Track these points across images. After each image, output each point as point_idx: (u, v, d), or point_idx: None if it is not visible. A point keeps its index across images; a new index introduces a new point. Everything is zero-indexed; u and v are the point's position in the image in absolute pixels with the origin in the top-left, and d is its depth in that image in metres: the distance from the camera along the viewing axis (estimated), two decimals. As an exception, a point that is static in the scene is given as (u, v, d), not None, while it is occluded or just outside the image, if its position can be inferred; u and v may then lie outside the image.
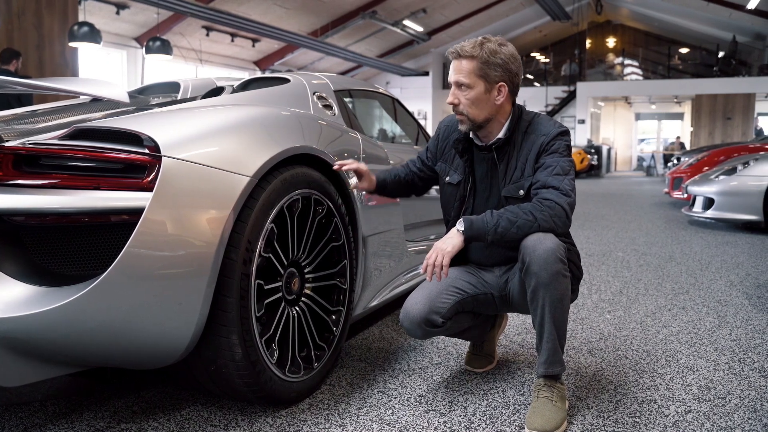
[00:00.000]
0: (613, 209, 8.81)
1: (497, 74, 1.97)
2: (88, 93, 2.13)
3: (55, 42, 7.84)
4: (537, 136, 2.01)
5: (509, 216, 1.88)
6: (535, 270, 1.84)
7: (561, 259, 1.85)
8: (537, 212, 1.87)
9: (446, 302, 2.02)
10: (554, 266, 1.83)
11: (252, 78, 2.99)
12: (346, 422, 1.91)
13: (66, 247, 1.60)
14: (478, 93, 1.98)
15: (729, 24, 19.56)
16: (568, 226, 1.94)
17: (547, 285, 1.84)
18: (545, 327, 1.88)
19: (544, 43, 26.16)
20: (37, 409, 1.99)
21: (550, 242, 1.84)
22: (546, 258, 1.83)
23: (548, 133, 2.00)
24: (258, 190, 1.81)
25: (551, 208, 1.88)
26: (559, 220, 1.89)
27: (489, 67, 1.96)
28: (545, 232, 1.87)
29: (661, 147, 25.81)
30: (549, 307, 1.86)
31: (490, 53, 1.95)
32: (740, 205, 6.06)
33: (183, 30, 15.31)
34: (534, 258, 1.84)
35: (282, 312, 1.98)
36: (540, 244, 1.84)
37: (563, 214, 1.89)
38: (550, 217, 1.88)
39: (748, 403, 2.05)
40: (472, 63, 1.96)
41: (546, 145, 1.99)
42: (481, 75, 1.96)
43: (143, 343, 1.63)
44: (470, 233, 1.89)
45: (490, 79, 1.97)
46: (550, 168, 1.95)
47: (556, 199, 1.89)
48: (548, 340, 1.89)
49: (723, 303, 3.37)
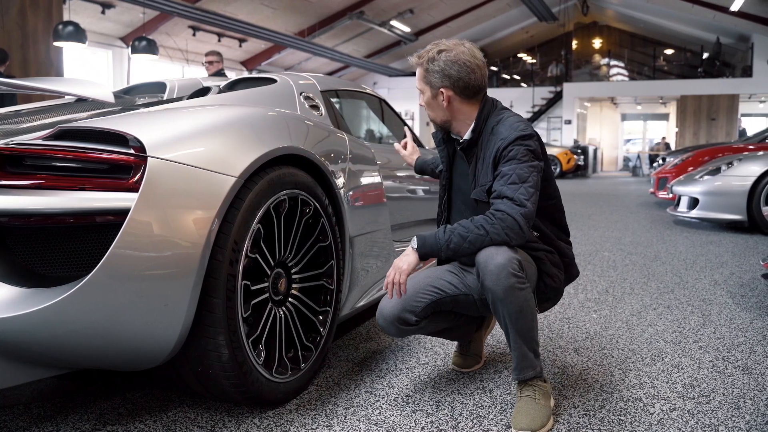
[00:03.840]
0: (600, 209, 8.87)
1: (437, 80, 2.03)
2: (72, 93, 2.12)
3: (39, 41, 7.77)
4: (496, 140, 1.98)
5: (461, 231, 1.87)
6: (489, 285, 1.83)
7: (513, 273, 1.82)
8: (488, 225, 1.85)
9: (421, 301, 2.02)
10: (506, 281, 1.81)
11: (239, 78, 2.98)
12: (334, 422, 1.91)
13: (51, 248, 1.59)
14: (428, 98, 2.08)
15: (713, 26, 19.75)
16: (524, 237, 1.88)
17: (503, 300, 1.84)
18: (510, 336, 1.91)
19: (531, 44, 26.29)
20: (22, 411, 1.98)
21: (501, 257, 1.82)
22: (498, 274, 1.81)
23: (506, 137, 1.94)
24: (244, 190, 1.81)
25: (503, 221, 1.84)
26: (512, 232, 1.85)
27: (429, 74, 2.04)
28: (498, 246, 1.85)
29: (647, 147, 26.00)
30: (509, 318, 1.87)
31: (428, 60, 2.04)
32: (724, 204, 6.12)
33: (169, 30, 15.22)
34: (486, 274, 1.83)
35: (269, 312, 1.98)
36: (491, 260, 1.82)
37: (516, 226, 1.84)
38: (502, 230, 1.84)
39: (731, 401, 2.07)
40: (419, 70, 2.07)
41: (503, 150, 1.94)
42: (426, 82, 2.06)
43: (129, 345, 1.62)
44: (423, 251, 1.91)
45: (433, 85, 2.04)
46: (506, 177, 1.90)
47: (508, 210, 1.85)
48: (515, 348, 1.92)
49: (707, 302, 3.40)
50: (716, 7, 16.67)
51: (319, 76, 3.11)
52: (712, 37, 21.28)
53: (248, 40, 17.51)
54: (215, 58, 6.04)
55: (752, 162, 6.10)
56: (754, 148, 7.76)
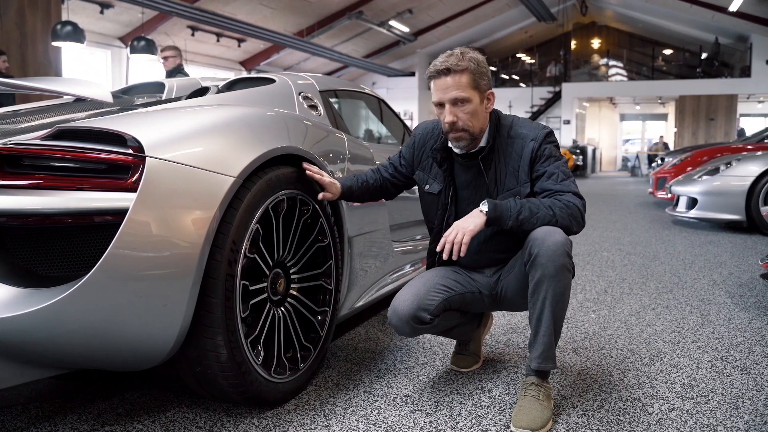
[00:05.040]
0: (599, 209, 8.87)
1: (485, 83, 1.99)
2: (71, 93, 2.11)
3: (37, 41, 7.76)
4: (524, 141, 2.01)
5: (531, 207, 1.90)
6: (543, 261, 1.84)
7: (568, 254, 1.87)
8: (557, 209, 1.90)
9: (434, 299, 2.03)
10: (561, 259, 1.84)
11: (237, 78, 2.98)
12: (332, 423, 1.91)
13: (49, 248, 1.59)
14: (476, 105, 1.97)
15: (711, 26, 19.75)
16: (582, 226, 1.95)
17: (552, 277, 1.85)
18: (543, 321, 1.89)
19: (530, 44, 26.28)
20: (20, 412, 1.97)
21: (560, 236, 1.86)
22: (555, 250, 1.84)
23: (536, 137, 2.00)
24: (243, 190, 1.80)
25: (569, 207, 1.91)
26: (575, 220, 1.92)
27: (480, 77, 1.96)
28: (553, 227, 1.89)
29: (646, 147, 26.01)
30: (551, 299, 1.87)
31: (477, 63, 1.95)
32: (723, 204, 6.13)
33: (168, 30, 15.20)
34: (543, 249, 1.84)
35: (267, 313, 1.98)
36: (549, 237, 1.85)
37: (579, 215, 1.93)
38: (568, 216, 1.91)
39: (730, 401, 2.07)
40: (465, 75, 1.93)
41: (538, 150, 1.99)
42: (475, 86, 1.95)
43: (128, 345, 1.62)
44: (493, 215, 1.90)
45: (482, 89, 1.98)
46: (554, 175, 1.97)
47: (573, 200, 1.93)
48: (545, 334, 1.89)
49: (706, 302, 3.40)
50: (715, 7, 16.68)
51: (318, 76, 3.11)
52: (710, 37, 21.29)
53: (247, 40, 17.49)
54: (171, 53, 5.72)
55: (751, 162, 6.10)
56: (753, 148, 7.76)
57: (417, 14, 19.36)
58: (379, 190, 2.32)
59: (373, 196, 2.35)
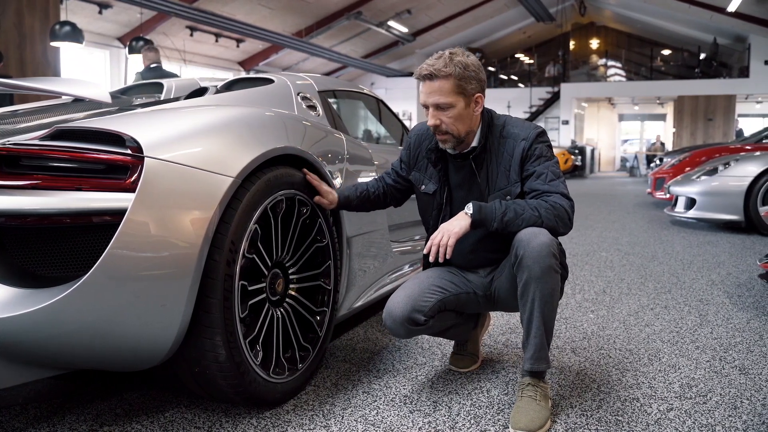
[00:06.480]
0: (597, 209, 8.88)
1: (473, 87, 1.97)
2: (69, 93, 2.11)
3: (36, 41, 7.75)
4: (515, 141, 2.01)
5: (516, 208, 1.90)
6: (528, 263, 1.84)
7: (554, 254, 1.86)
8: (542, 210, 1.90)
9: (429, 300, 2.03)
10: (547, 260, 1.84)
11: (236, 78, 2.98)
12: (331, 423, 1.91)
13: (47, 248, 1.59)
14: (460, 110, 1.96)
15: (710, 26, 19.77)
16: (570, 228, 1.95)
17: (539, 279, 1.85)
18: (533, 322, 1.89)
19: (528, 44, 26.30)
20: (19, 412, 1.97)
21: (545, 237, 1.86)
22: (540, 251, 1.83)
23: (527, 136, 2.00)
24: (241, 190, 1.81)
25: (555, 208, 1.91)
26: (561, 221, 1.91)
27: (465, 82, 1.94)
28: (539, 228, 1.88)
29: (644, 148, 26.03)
30: (539, 301, 1.87)
31: (463, 67, 1.93)
32: (721, 205, 6.13)
33: (167, 30, 15.20)
34: (528, 251, 1.84)
35: (266, 313, 1.98)
36: (534, 238, 1.85)
37: (566, 216, 1.92)
38: (554, 217, 1.90)
39: (728, 401, 2.07)
40: (449, 81, 1.93)
41: (528, 150, 1.99)
42: (459, 92, 1.94)
43: (126, 345, 1.62)
44: (478, 217, 1.90)
45: (468, 93, 1.96)
46: (543, 175, 1.96)
47: (560, 201, 1.92)
48: (535, 336, 1.90)
49: (704, 302, 3.41)
50: (713, 7, 16.70)
51: (317, 76, 3.11)
52: (709, 37, 21.30)
53: (246, 41, 17.49)
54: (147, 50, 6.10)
55: (749, 162, 6.11)
56: (751, 149, 7.77)
57: (416, 14, 19.37)
58: (383, 198, 2.32)
59: (375, 206, 2.34)
